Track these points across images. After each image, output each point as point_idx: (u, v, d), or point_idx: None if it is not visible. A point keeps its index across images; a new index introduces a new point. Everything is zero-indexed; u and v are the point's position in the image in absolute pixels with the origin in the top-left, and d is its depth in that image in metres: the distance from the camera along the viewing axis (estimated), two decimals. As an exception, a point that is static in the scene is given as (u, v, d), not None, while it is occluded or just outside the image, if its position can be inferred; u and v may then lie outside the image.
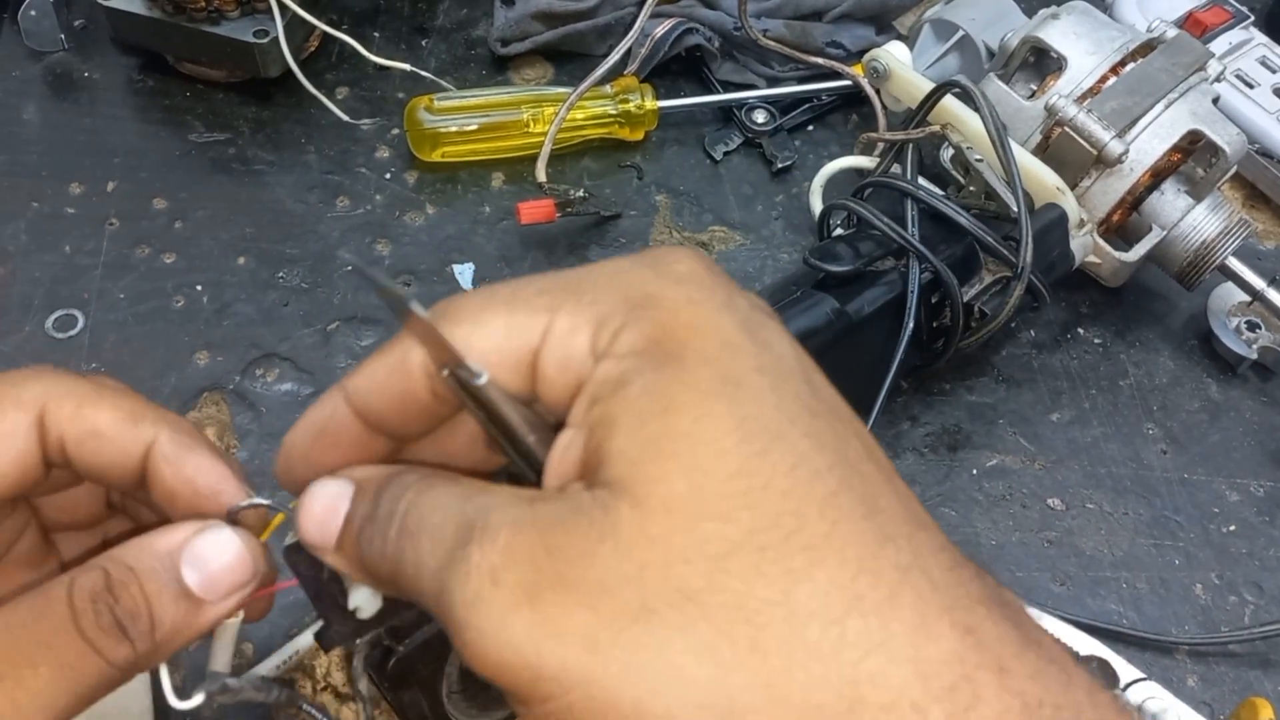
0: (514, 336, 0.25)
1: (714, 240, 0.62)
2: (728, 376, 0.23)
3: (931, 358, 0.54)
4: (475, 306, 0.26)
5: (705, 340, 0.24)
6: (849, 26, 0.69)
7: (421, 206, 0.62)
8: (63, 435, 0.29)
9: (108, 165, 0.62)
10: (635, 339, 0.24)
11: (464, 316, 0.26)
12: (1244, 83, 0.67)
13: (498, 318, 0.25)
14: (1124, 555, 0.53)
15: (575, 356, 0.25)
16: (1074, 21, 0.57)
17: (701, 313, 0.24)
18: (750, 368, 0.24)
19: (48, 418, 0.29)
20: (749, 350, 0.24)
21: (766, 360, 0.24)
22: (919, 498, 0.25)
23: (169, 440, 0.29)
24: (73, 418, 0.29)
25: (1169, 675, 0.49)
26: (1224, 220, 0.56)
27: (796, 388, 0.24)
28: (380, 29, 0.70)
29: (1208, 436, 0.57)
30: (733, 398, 0.23)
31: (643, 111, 0.64)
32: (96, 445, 0.29)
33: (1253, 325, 0.59)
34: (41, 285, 0.57)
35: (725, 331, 0.24)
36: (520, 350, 0.25)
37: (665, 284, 0.25)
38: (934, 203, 0.51)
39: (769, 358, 0.24)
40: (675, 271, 0.25)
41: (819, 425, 0.24)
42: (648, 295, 0.25)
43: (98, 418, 0.29)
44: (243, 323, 0.57)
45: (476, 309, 0.26)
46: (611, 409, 0.23)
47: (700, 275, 0.25)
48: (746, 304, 0.25)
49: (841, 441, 0.24)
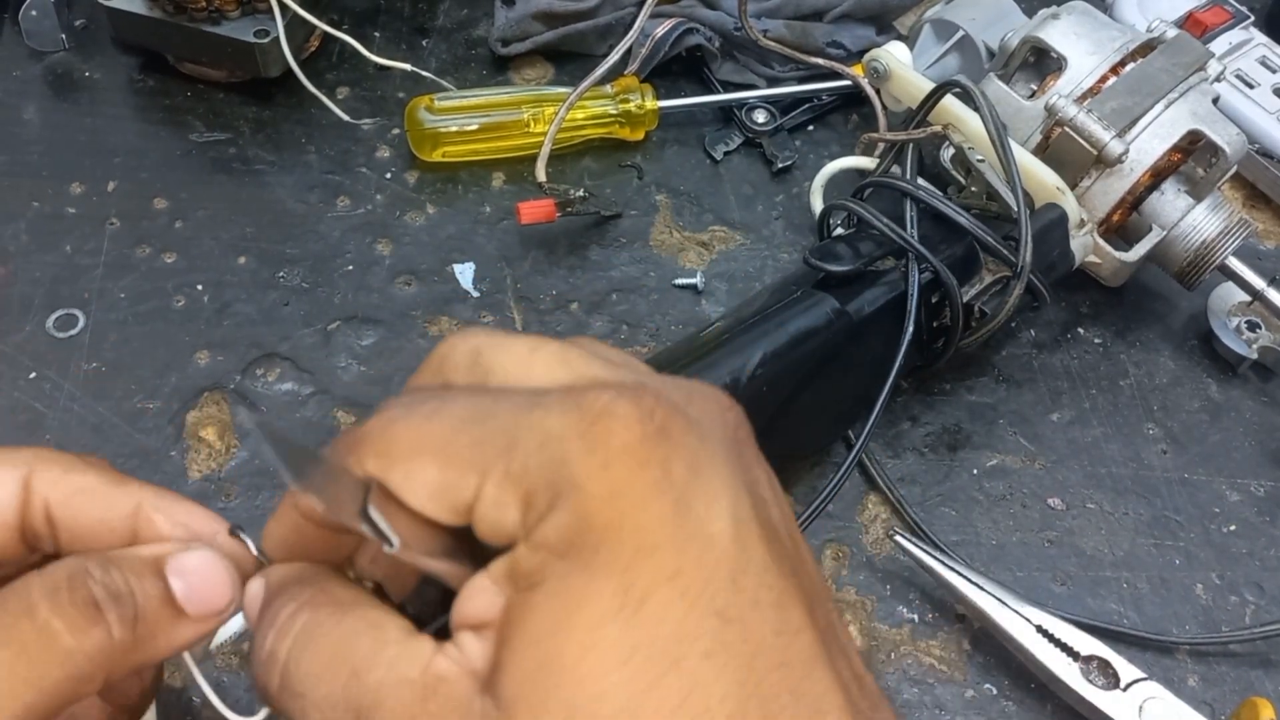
0: (446, 492, 0.25)
1: (714, 240, 0.62)
2: (631, 592, 0.23)
3: (932, 358, 0.54)
4: (410, 446, 0.25)
5: (620, 544, 0.23)
6: (849, 26, 0.69)
7: (422, 206, 0.62)
8: (48, 498, 0.29)
9: (108, 165, 0.62)
10: (553, 532, 0.23)
11: (398, 457, 0.25)
12: (1244, 83, 0.67)
13: (431, 468, 0.25)
14: (1124, 555, 0.53)
15: (505, 527, 0.24)
16: (1074, 21, 0.57)
17: (622, 508, 0.23)
18: (662, 575, 0.23)
19: (34, 479, 0.29)
20: (668, 550, 0.23)
21: (688, 558, 0.23)
22: (919, 498, 0.25)
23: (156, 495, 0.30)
24: (59, 480, 0.29)
25: (1170, 675, 0.49)
26: (1224, 220, 0.56)
27: (715, 588, 0.23)
28: (381, 29, 0.70)
29: (1208, 436, 0.57)
30: (629, 622, 0.22)
31: (643, 111, 0.64)
32: (84, 502, 0.29)
33: (1253, 325, 0.59)
34: (42, 285, 0.57)
35: (644, 529, 0.23)
36: (454, 503, 0.25)
37: (591, 466, 0.23)
38: (934, 203, 0.51)
39: (692, 553, 0.23)
40: (607, 446, 0.23)
41: (728, 635, 0.23)
42: (572, 480, 0.23)
43: (84, 479, 0.29)
44: (243, 323, 0.57)
45: (411, 450, 0.25)
46: (517, 613, 0.23)
47: (632, 448, 0.23)
48: (685, 471, 0.24)
49: (751, 648, 0.23)
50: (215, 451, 0.52)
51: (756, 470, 0.26)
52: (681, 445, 0.24)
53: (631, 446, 0.23)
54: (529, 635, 0.23)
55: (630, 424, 0.24)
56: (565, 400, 0.24)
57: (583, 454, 0.23)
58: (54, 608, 0.26)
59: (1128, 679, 0.46)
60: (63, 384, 0.54)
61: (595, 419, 0.24)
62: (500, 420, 0.25)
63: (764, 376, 0.46)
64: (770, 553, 0.24)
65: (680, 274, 0.60)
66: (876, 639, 0.49)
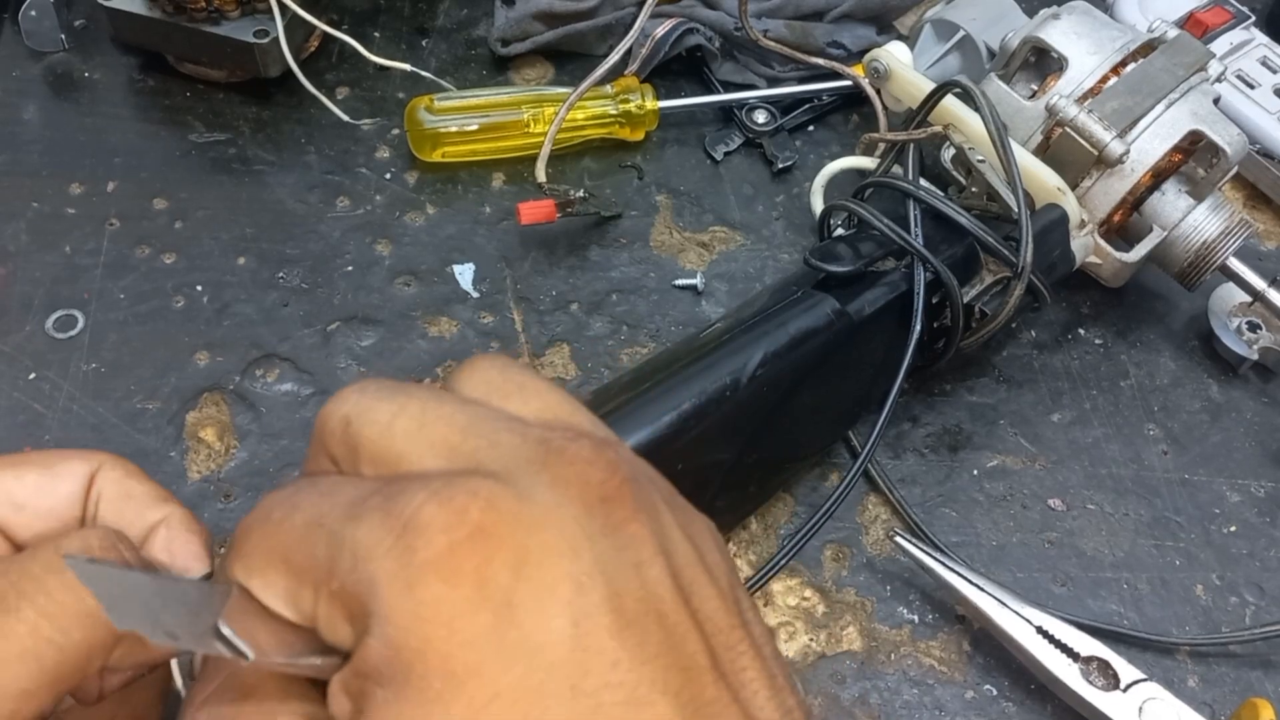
0: (294, 603, 0.24)
1: (714, 240, 0.62)
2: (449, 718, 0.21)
3: (932, 358, 0.54)
4: (263, 555, 0.24)
5: (428, 673, 0.21)
6: (850, 26, 0.69)
7: (422, 206, 0.62)
8: (102, 494, 0.31)
9: (108, 165, 0.62)
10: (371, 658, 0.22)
11: (255, 566, 0.24)
12: (1245, 83, 0.67)
13: (280, 579, 0.24)
14: (1125, 556, 0.53)
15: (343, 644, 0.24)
16: (1075, 21, 0.57)
17: (429, 633, 0.21)
18: (479, 702, 0.21)
19: (99, 475, 0.32)
20: (485, 673, 0.21)
21: (510, 678, 0.21)
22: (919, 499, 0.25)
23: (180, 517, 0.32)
24: (118, 481, 0.32)
25: (1170, 676, 0.49)
26: (1225, 221, 0.56)
27: (547, 703, 0.21)
28: (380, 29, 0.70)
29: (1209, 437, 0.57)
30: None
31: (643, 111, 0.64)
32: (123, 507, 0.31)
33: (1253, 326, 0.59)
34: (41, 285, 0.57)
35: (454, 656, 0.21)
36: (302, 613, 0.24)
37: (397, 589, 0.22)
38: (935, 203, 0.51)
39: (517, 671, 0.21)
40: (413, 563, 0.22)
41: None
42: (379, 604, 0.22)
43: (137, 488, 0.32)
44: (243, 323, 0.57)
45: (264, 560, 0.24)
46: None
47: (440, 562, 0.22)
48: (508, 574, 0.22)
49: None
50: (215, 452, 0.52)
51: (630, 529, 0.24)
52: (505, 543, 0.22)
53: (439, 560, 0.22)
54: None
55: (435, 534, 0.22)
56: (378, 509, 0.23)
57: (389, 576, 0.22)
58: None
59: (1128, 680, 0.46)
60: (62, 384, 0.54)
61: (402, 531, 0.22)
62: (326, 530, 0.23)
63: (764, 377, 0.46)
64: (622, 642, 0.22)
65: (680, 274, 0.60)
66: (876, 640, 0.49)
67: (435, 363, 0.56)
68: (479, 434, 0.25)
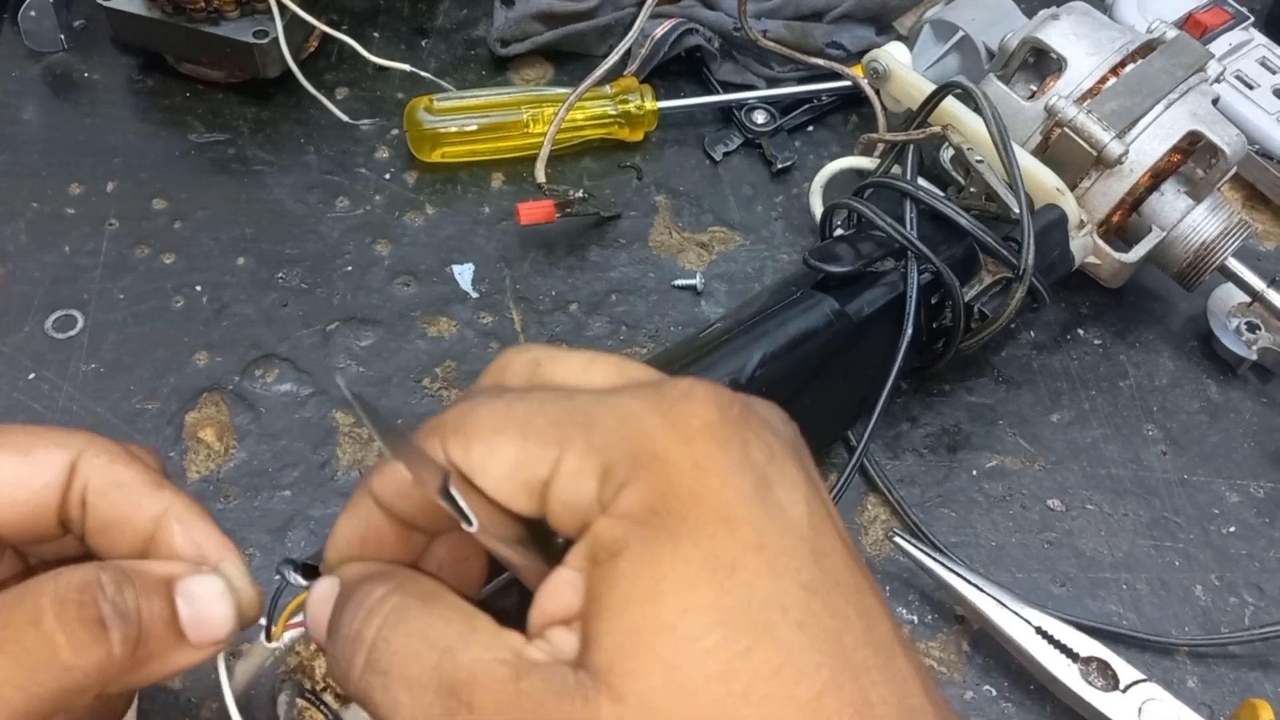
0: (524, 467, 0.25)
1: (714, 240, 0.62)
2: (720, 558, 0.23)
3: (932, 359, 0.54)
4: (490, 426, 0.25)
5: (705, 513, 0.23)
6: (849, 27, 0.69)
7: (421, 207, 0.62)
8: (88, 484, 0.29)
9: (108, 165, 0.62)
10: (635, 501, 0.23)
11: (479, 436, 0.25)
12: (1244, 83, 0.67)
13: (510, 444, 0.25)
14: (1124, 556, 0.53)
15: (581, 502, 0.24)
16: (1074, 22, 0.57)
17: (706, 480, 0.24)
18: (749, 546, 0.23)
19: (81, 463, 0.30)
20: (752, 523, 0.23)
21: (770, 533, 0.23)
22: (918, 499, 0.25)
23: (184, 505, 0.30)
24: (102, 469, 0.30)
25: (1169, 676, 0.49)
26: (1224, 221, 0.56)
27: (799, 563, 0.23)
28: (380, 29, 0.70)
29: (1207, 437, 0.57)
30: (722, 586, 0.23)
31: (642, 112, 0.64)
32: (116, 496, 0.30)
33: (1252, 326, 0.59)
34: (41, 285, 0.57)
35: (728, 503, 0.23)
36: (530, 480, 0.25)
37: (674, 441, 0.24)
38: (934, 203, 0.51)
39: (773, 529, 0.24)
40: (688, 425, 0.24)
41: (815, 607, 0.23)
42: (654, 452, 0.24)
43: (126, 473, 0.30)
44: (242, 323, 0.57)
45: (491, 430, 0.25)
46: (602, 584, 0.23)
47: (714, 429, 0.24)
48: (764, 456, 0.25)
49: (839, 624, 0.23)
50: (214, 452, 0.52)
51: (816, 475, 0.27)
52: (758, 434, 0.25)
53: (712, 427, 0.24)
54: (618, 602, 0.23)
55: (710, 408, 0.25)
56: (644, 387, 0.25)
57: (665, 430, 0.24)
58: (60, 620, 0.26)
59: (1127, 680, 0.46)
60: (61, 385, 0.54)
61: (675, 401, 0.25)
62: (579, 402, 0.25)
63: (763, 378, 0.46)
64: (843, 542, 0.25)
65: (680, 275, 0.60)
66: (876, 640, 0.49)
67: (434, 363, 0.56)
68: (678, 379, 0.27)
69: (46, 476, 0.29)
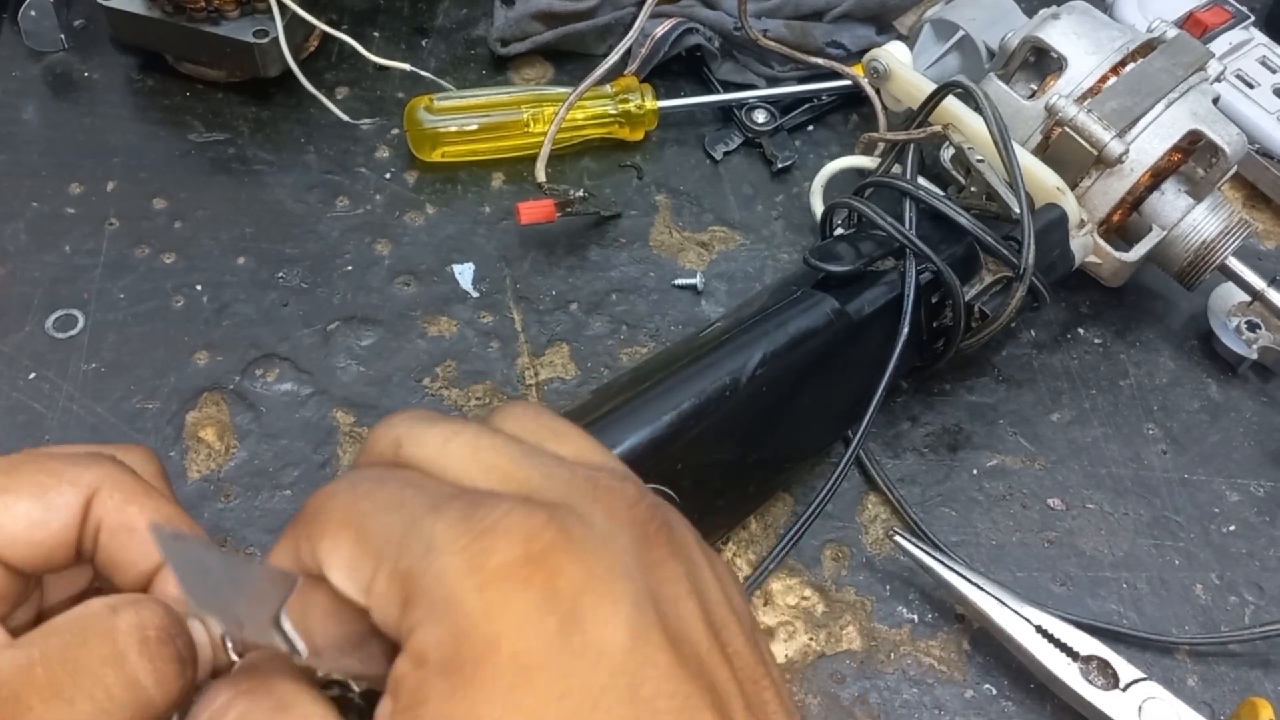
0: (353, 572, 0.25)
1: (714, 240, 0.62)
2: (520, 712, 0.22)
3: (932, 358, 0.54)
4: (335, 522, 0.25)
5: (500, 663, 0.22)
6: (849, 26, 0.69)
7: (421, 206, 0.62)
8: (101, 523, 0.30)
9: (108, 165, 0.62)
10: (431, 645, 0.23)
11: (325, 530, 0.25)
12: (1244, 83, 0.67)
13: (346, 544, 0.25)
14: (1124, 555, 0.53)
15: (389, 624, 0.24)
16: (1074, 21, 0.57)
17: (499, 628, 0.23)
18: (550, 696, 0.22)
19: (95, 503, 0.30)
20: (554, 669, 0.22)
21: (576, 676, 0.23)
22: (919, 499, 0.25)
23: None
24: (117, 510, 0.30)
25: (1169, 675, 0.49)
26: (1224, 220, 0.56)
27: (611, 700, 0.23)
28: (380, 29, 0.70)
29: (1208, 437, 0.57)
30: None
31: (643, 111, 0.64)
32: (127, 542, 0.30)
33: (1253, 325, 0.59)
34: (41, 285, 0.57)
35: (525, 651, 0.22)
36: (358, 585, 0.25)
37: (468, 585, 0.23)
38: (934, 203, 0.51)
39: (580, 670, 0.23)
40: (484, 566, 0.23)
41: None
42: (448, 596, 0.23)
43: (138, 516, 0.30)
44: (242, 323, 0.57)
45: (335, 526, 0.25)
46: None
47: (512, 568, 0.23)
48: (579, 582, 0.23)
49: None
50: (215, 452, 0.52)
51: (670, 567, 0.26)
52: (573, 559, 0.24)
53: (511, 567, 0.23)
54: None
55: (513, 543, 0.23)
56: (459, 510, 0.24)
57: (460, 572, 0.23)
58: (144, 658, 0.26)
59: (1127, 679, 0.46)
60: (62, 384, 0.54)
61: (478, 535, 0.23)
62: (405, 514, 0.24)
63: (764, 377, 0.46)
64: (674, 658, 0.23)
65: (680, 274, 0.60)
66: (876, 639, 0.49)
67: (435, 362, 0.56)
68: (530, 465, 0.26)
69: (63, 518, 0.29)
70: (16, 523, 0.29)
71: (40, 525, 0.29)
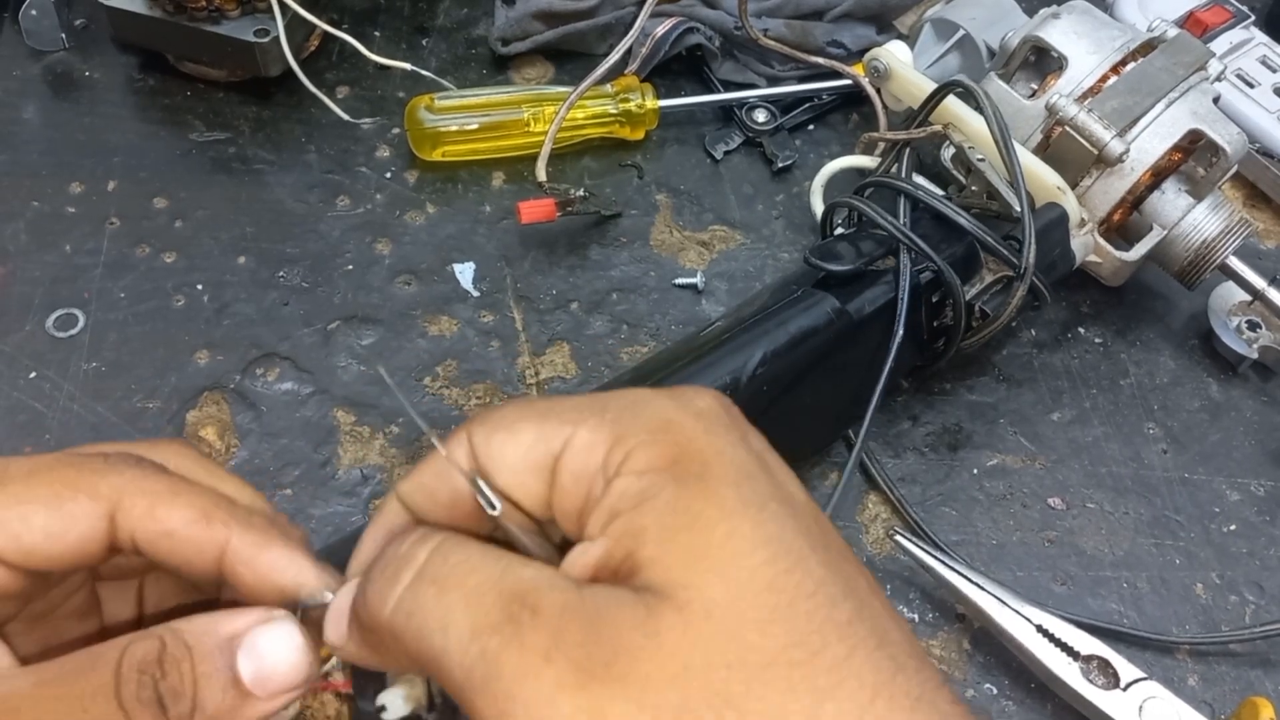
0: (539, 445, 0.27)
1: (714, 240, 0.62)
2: (750, 500, 0.25)
3: (933, 357, 0.54)
4: (512, 417, 0.28)
5: (725, 465, 0.25)
6: (850, 26, 0.69)
7: (422, 206, 0.62)
8: (134, 532, 0.29)
9: (108, 164, 0.62)
10: (653, 458, 0.25)
11: (500, 424, 0.28)
12: (1244, 82, 0.67)
13: (529, 428, 0.27)
14: (1125, 555, 0.53)
15: (587, 471, 0.26)
16: (1074, 21, 0.57)
17: (719, 443, 0.26)
18: (771, 493, 0.25)
19: (120, 514, 0.29)
20: (766, 481, 0.26)
21: (781, 495, 0.26)
22: (919, 498, 0.26)
23: (241, 540, 0.29)
24: (145, 517, 0.29)
25: (1170, 675, 0.49)
26: (1224, 220, 0.56)
27: (809, 524, 0.26)
28: (381, 28, 0.70)
29: (1208, 436, 0.57)
30: (756, 519, 0.25)
31: (643, 111, 0.64)
32: (171, 545, 0.29)
33: (1253, 325, 0.59)
34: (41, 285, 0.57)
35: (743, 462, 0.26)
36: (544, 456, 0.27)
37: (684, 414, 0.27)
38: (934, 203, 0.51)
39: (783, 493, 0.26)
40: (694, 406, 0.27)
41: (831, 557, 0.25)
42: (667, 421, 0.26)
43: (171, 519, 0.29)
44: (243, 322, 0.57)
45: (512, 419, 0.28)
46: (638, 521, 0.25)
47: (718, 413, 0.27)
48: (761, 445, 0.27)
49: (850, 575, 0.25)
50: (215, 451, 0.52)
51: None
52: (753, 431, 0.28)
53: (716, 411, 0.27)
54: (663, 532, 0.24)
55: (714, 402, 0.27)
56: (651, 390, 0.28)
57: (674, 407, 0.27)
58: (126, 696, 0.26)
59: (1128, 679, 0.46)
60: (62, 384, 0.54)
61: (682, 392, 0.27)
62: (595, 396, 0.28)
63: (764, 376, 0.46)
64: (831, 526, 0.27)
65: (680, 273, 0.60)
66: (877, 639, 0.49)
67: (435, 362, 0.56)
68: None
69: (81, 529, 0.28)
70: (34, 534, 0.28)
71: (58, 536, 0.28)
